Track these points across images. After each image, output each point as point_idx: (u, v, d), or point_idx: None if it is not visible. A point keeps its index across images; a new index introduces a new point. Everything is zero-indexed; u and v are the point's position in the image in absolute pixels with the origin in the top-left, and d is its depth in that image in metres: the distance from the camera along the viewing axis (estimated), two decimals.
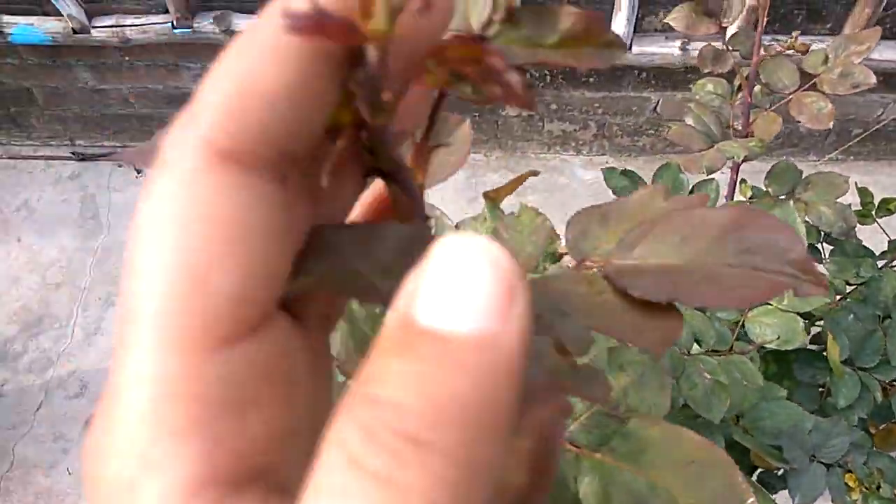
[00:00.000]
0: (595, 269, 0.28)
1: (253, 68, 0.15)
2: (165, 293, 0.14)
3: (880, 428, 0.83)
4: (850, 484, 0.70)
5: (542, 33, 0.20)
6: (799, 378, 0.80)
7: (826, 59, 0.82)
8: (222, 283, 0.15)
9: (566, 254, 0.48)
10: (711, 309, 0.77)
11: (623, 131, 1.96)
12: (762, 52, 0.85)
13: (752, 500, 0.34)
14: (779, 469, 0.74)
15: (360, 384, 0.13)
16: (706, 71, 0.88)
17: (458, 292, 0.13)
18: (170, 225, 0.15)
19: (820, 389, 0.80)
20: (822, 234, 0.94)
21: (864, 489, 0.69)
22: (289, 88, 0.15)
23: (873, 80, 0.80)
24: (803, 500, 0.70)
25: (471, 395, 0.13)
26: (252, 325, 0.15)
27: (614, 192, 1.00)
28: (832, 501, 0.71)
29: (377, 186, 0.22)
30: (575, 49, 0.20)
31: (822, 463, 0.71)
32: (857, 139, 1.80)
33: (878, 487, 0.68)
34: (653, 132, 1.96)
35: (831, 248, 0.93)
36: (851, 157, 1.98)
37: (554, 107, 1.90)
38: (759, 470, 0.78)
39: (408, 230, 0.20)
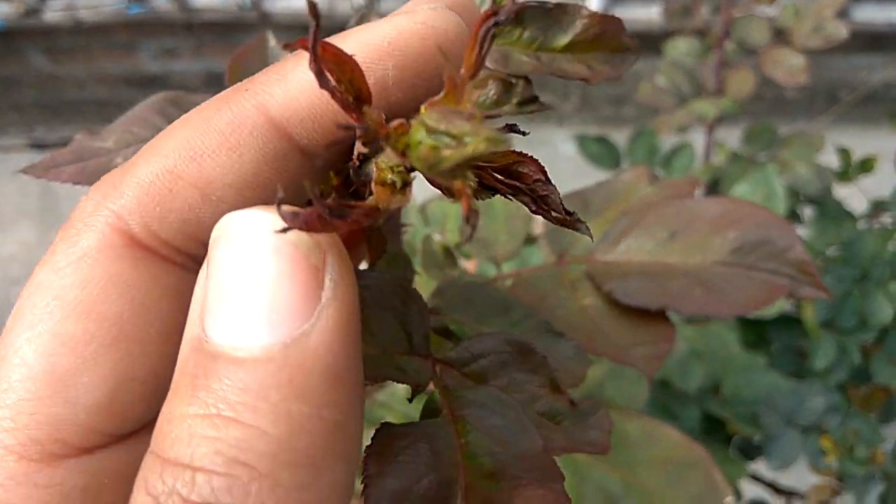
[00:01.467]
0: (577, 267, 0.27)
1: (200, 149, 0.13)
2: (22, 395, 0.13)
3: (860, 389, 0.84)
4: (827, 447, 0.71)
5: (552, 35, 0.18)
6: (777, 344, 0.81)
7: (797, 12, 0.82)
8: (86, 393, 0.13)
9: (539, 237, 0.47)
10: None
11: (606, 101, 1.96)
12: (732, 7, 0.85)
13: (729, 498, 0.34)
14: (756, 437, 0.75)
15: (154, 437, 0.12)
16: (676, 27, 0.88)
17: (243, 294, 0.11)
18: (50, 314, 0.13)
19: (799, 355, 0.81)
20: (801, 196, 0.95)
21: (840, 451, 0.70)
22: (238, 180, 0.13)
23: (845, 33, 0.80)
24: (779, 465, 0.70)
25: (277, 434, 0.10)
26: (120, 434, 0.14)
27: (591, 161, 1.00)
28: (809, 466, 0.72)
29: None
30: (586, 54, 0.19)
31: (797, 427, 0.72)
32: (845, 103, 1.81)
33: (852, 449, 0.69)
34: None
35: (812, 211, 0.93)
36: (841, 123, 1.99)
37: (533, 77, 1.90)
38: (736, 438, 0.79)
39: (386, 280, 0.18)
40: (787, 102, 1.91)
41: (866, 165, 0.92)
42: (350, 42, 0.14)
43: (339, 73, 0.12)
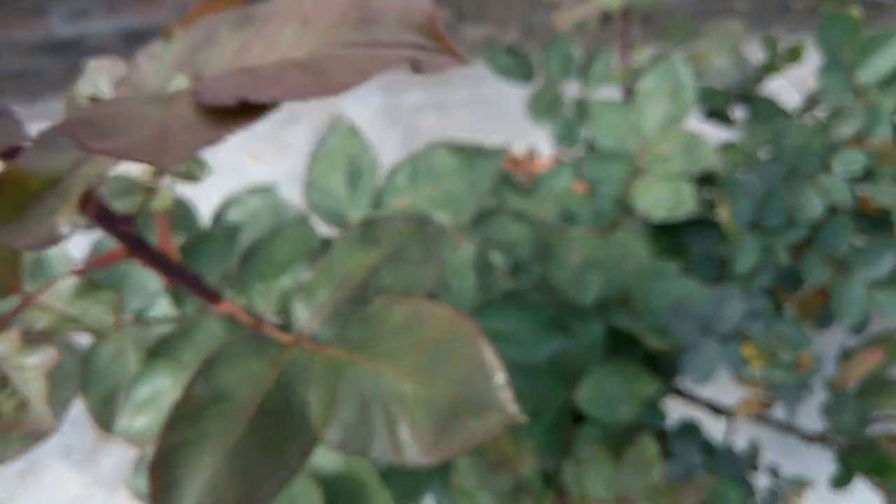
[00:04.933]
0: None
1: None
2: None
3: (794, 294, 0.78)
4: (749, 355, 0.65)
5: None
6: (695, 251, 0.75)
7: None
8: None
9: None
10: (596, 182, 0.71)
11: (550, 30, 1.87)
12: None
13: (500, 376, 0.29)
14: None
15: None
16: None
17: None
18: None
19: (719, 262, 0.74)
20: (731, 95, 0.88)
21: (763, 359, 0.64)
22: None
23: None
24: (696, 378, 0.65)
25: None
26: None
27: (502, 74, 0.92)
28: (731, 378, 0.66)
29: None
30: None
31: (715, 336, 0.66)
32: (795, 12, 1.73)
33: (776, 355, 0.63)
34: None
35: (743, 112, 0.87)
36: (794, 33, 1.91)
37: (470, 8, 1.81)
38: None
39: None
40: (736, 13, 1.83)
41: (794, 54, 0.85)
42: None
43: None
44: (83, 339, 0.52)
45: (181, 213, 0.60)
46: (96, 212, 0.26)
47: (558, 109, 0.83)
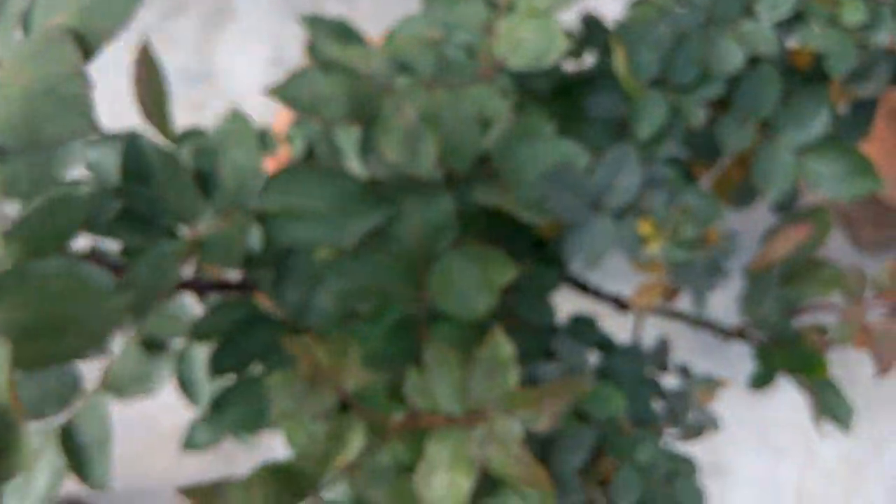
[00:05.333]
0: None
1: None
2: None
3: (710, 168, 0.66)
4: (647, 233, 0.53)
5: None
6: (594, 115, 0.62)
7: None
8: None
9: None
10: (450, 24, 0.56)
11: None
12: None
13: None
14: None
15: None
16: None
17: None
18: None
19: (619, 125, 0.61)
20: None
21: (663, 236, 0.53)
22: None
23: None
24: (583, 261, 0.53)
25: None
26: None
27: None
28: (626, 254, 0.54)
29: None
30: None
31: (606, 211, 0.54)
32: None
33: (677, 230, 0.51)
34: None
35: None
36: None
37: None
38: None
39: None
40: None
41: None
42: None
43: None
44: None
45: None
46: None
47: None
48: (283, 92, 0.45)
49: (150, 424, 1.09)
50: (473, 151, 0.51)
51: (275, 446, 0.57)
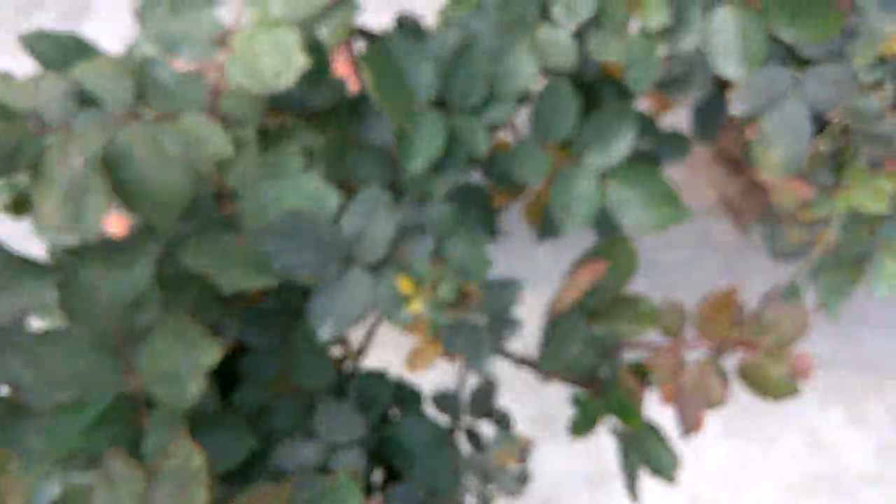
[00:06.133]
0: None
1: None
2: None
3: (518, 196, 0.58)
4: (408, 290, 0.45)
5: None
6: (367, 141, 0.53)
7: None
8: None
9: None
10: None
11: None
12: None
13: None
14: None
15: None
16: None
17: None
18: None
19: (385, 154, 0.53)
20: None
21: (425, 294, 0.44)
22: None
23: None
24: (328, 330, 0.44)
25: None
26: None
27: None
28: (385, 318, 0.45)
29: None
30: None
31: (361, 264, 0.45)
32: None
33: (434, 286, 0.43)
34: None
35: None
36: None
37: None
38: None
39: None
40: None
41: None
42: None
43: None
44: None
45: None
46: None
47: None
48: None
49: None
50: (179, 201, 0.41)
51: None
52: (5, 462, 0.38)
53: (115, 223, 0.75)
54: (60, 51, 0.49)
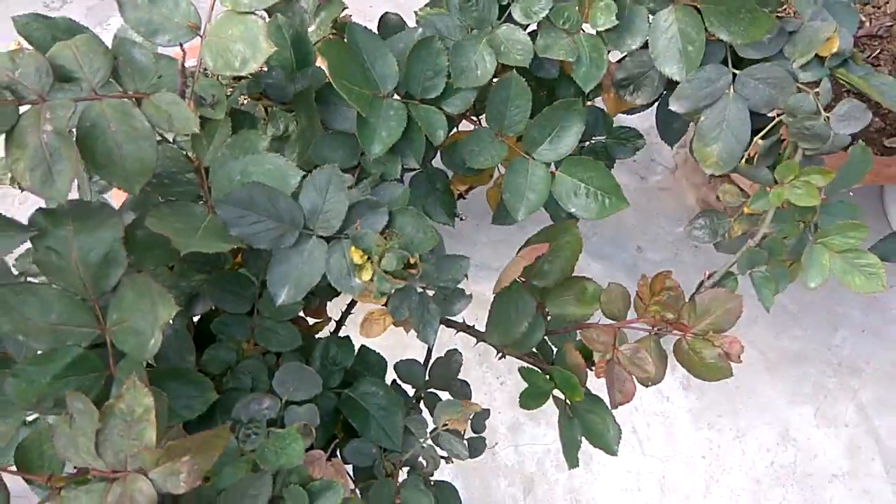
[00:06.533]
0: None
1: None
2: None
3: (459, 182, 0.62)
4: (358, 261, 0.49)
5: None
6: (331, 124, 0.57)
7: None
8: None
9: None
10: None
11: None
12: None
13: None
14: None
15: None
16: None
17: None
18: None
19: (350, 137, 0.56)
20: None
21: (373, 265, 0.48)
22: None
23: None
24: (284, 296, 0.48)
25: None
26: None
27: None
28: (335, 285, 0.49)
29: None
30: None
31: (321, 238, 0.49)
32: None
33: (381, 258, 0.47)
34: None
35: None
36: None
37: None
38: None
39: None
40: None
41: None
42: None
43: None
44: None
45: None
46: None
47: None
48: None
49: None
50: (147, 170, 0.45)
51: None
52: None
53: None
54: (53, 34, 0.54)
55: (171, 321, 0.44)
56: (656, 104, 0.68)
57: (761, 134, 0.58)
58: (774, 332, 1.25)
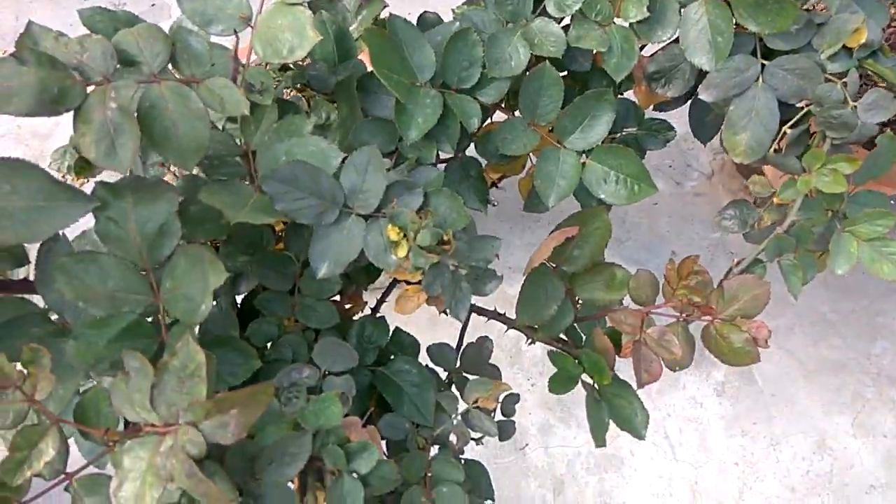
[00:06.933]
0: None
1: None
2: None
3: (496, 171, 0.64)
4: (394, 238, 0.51)
5: None
6: (371, 112, 0.60)
7: None
8: None
9: None
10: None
11: None
12: None
13: None
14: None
15: None
16: None
17: None
18: None
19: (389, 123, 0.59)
20: None
21: (409, 242, 0.51)
22: None
23: None
24: (332, 266, 0.50)
25: None
26: None
27: None
28: (373, 261, 0.52)
29: None
30: None
31: (360, 216, 0.52)
32: None
33: (416, 235, 0.49)
34: None
35: None
36: None
37: None
38: None
39: None
40: None
41: None
42: None
43: None
44: None
45: None
46: None
47: None
48: None
49: None
50: (200, 147, 0.48)
51: None
52: (39, 356, 0.45)
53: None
54: (115, 25, 0.58)
55: (216, 301, 0.47)
56: (689, 103, 0.70)
57: (790, 123, 0.59)
58: (813, 341, 1.24)
